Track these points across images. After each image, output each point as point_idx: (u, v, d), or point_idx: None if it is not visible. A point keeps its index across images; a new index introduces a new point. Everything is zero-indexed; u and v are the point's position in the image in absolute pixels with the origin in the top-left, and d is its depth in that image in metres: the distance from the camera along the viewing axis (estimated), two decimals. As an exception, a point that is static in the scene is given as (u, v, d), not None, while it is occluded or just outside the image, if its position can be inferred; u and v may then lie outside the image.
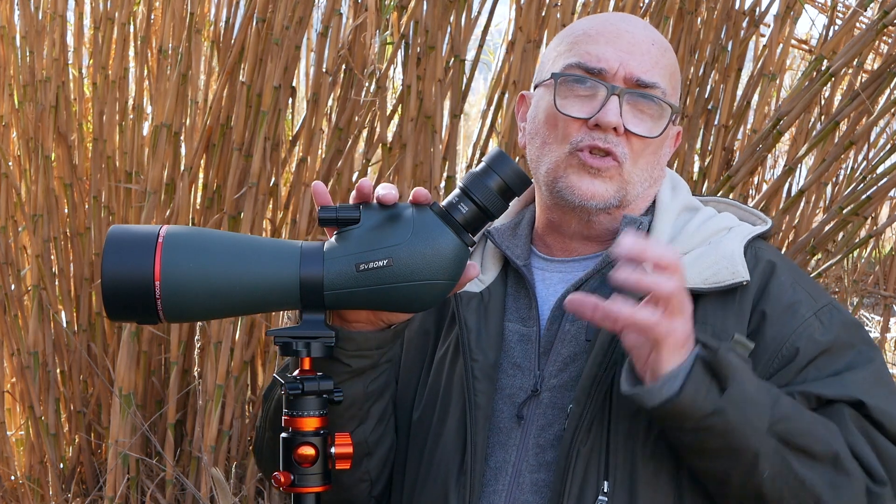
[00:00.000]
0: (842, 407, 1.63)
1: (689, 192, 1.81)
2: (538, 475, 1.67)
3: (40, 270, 3.62)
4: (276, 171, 3.49)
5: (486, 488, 1.69)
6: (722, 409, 1.52)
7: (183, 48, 3.47)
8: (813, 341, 1.66)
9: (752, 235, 1.72)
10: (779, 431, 1.55)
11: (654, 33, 1.78)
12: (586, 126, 1.70)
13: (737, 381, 1.52)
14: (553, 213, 1.77)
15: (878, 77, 3.10)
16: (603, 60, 1.71)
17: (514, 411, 1.70)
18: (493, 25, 3.69)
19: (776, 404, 1.56)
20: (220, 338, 3.37)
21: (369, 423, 1.73)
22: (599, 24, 1.77)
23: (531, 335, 1.73)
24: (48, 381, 3.61)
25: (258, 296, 1.50)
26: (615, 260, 1.67)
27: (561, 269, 1.77)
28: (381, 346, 1.67)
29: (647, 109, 1.72)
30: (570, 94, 1.72)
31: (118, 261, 1.47)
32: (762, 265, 1.70)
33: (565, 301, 1.55)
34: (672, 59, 1.78)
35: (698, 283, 1.65)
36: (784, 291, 1.69)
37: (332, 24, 3.41)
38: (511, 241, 1.79)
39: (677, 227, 1.74)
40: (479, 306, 1.75)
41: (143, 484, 3.50)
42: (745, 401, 1.52)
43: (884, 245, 4.81)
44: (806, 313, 1.68)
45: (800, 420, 1.58)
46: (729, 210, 1.81)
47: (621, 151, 1.70)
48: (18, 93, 3.69)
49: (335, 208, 1.52)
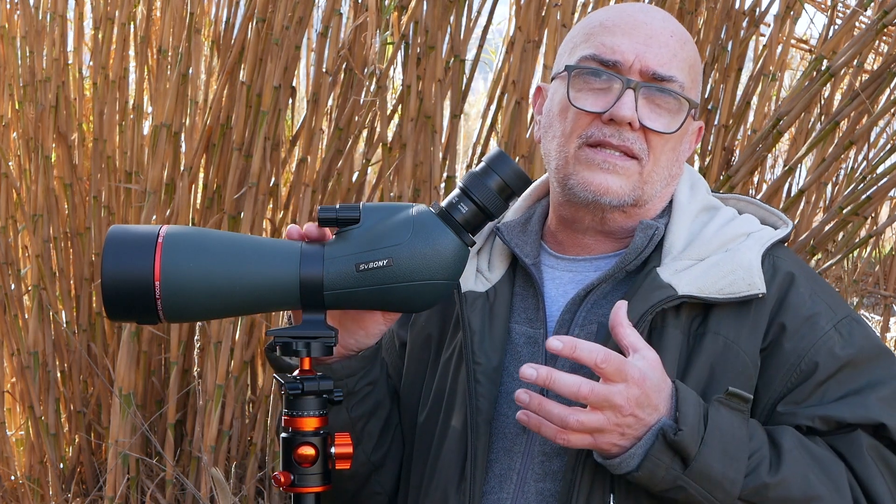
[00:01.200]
0: (859, 436, 1.60)
1: (708, 190, 1.76)
2: (543, 484, 1.63)
3: (40, 270, 3.62)
4: (276, 171, 3.49)
5: (491, 496, 1.66)
6: (683, 485, 1.52)
7: (183, 48, 3.47)
8: (833, 355, 1.63)
9: (772, 242, 1.68)
10: (752, 499, 1.54)
11: (673, 24, 1.71)
12: (600, 120, 1.65)
13: (700, 459, 1.51)
14: (565, 210, 1.71)
15: (878, 77, 3.10)
16: (618, 52, 1.65)
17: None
18: (495, 25, 3.69)
19: (754, 472, 1.54)
20: (220, 338, 3.37)
21: (367, 444, 1.72)
22: (616, 14, 1.71)
23: (538, 338, 1.69)
24: (48, 381, 3.62)
25: (258, 296, 1.50)
26: (630, 266, 1.66)
27: (572, 268, 1.73)
28: (352, 374, 1.66)
29: (664, 104, 1.66)
30: (585, 88, 1.67)
31: (118, 261, 1.47)
32: (780, 276, 1.66)
33: (546, 342, 1.52)
34: (692, 51, 1.71)
35: (713, 292, 1.62)
36: (803, 303, 1.65)
37: (332, 24, 3.41)
38: (520, 238, 1.74)
39: (694, 230, 1.68)
40: (485, 306, 1.70)
41: (143, 484, 3.50)
42: (708, 479, 1.52)
43: (884, 245, 4.81)
44: (825, 326, 1.64)
45: (783, 486, 1.55)
46: (750, 210, 1.76)
47: (639, 147, 1.65)
48: (18, 93, 3.70)
49: (335, 208, 1.52)
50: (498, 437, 1.67)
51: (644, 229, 1.67)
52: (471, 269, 1.73)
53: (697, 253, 1.65)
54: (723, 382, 1.60)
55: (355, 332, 1.64)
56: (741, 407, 1.55)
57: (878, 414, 1.60)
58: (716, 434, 1.52)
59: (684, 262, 1.64)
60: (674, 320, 1.63)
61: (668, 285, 1.61)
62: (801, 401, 1.62)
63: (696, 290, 1.61)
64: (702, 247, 1.66)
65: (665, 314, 1.62)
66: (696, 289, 1.62)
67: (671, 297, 1.60)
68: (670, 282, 1.62)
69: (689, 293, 1.61)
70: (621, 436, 1.51)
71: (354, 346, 1.65)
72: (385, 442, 1.74)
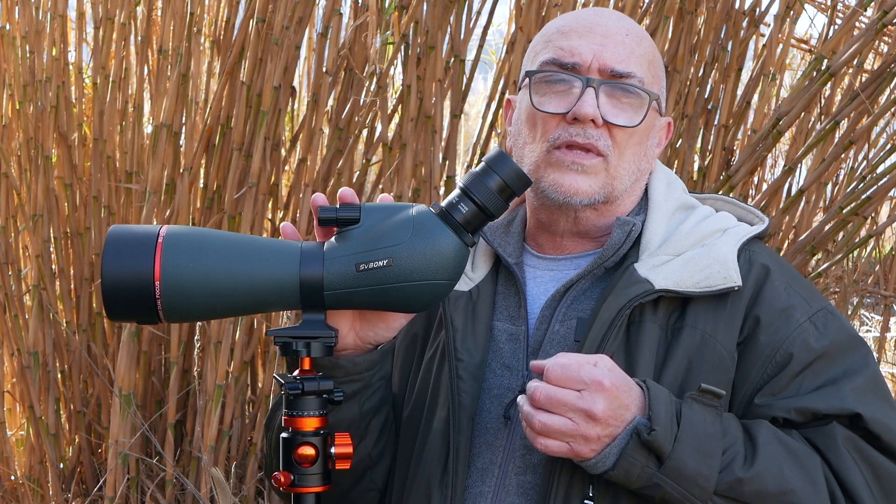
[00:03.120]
0: (834, 428, 1.62)
1: (684, 189, 1.79)
2: (524, 477, 1.66)
3: (40, 270, 3.62)
4: (276, 171, 3.49)
5: (473, 490, 1.68)
6: (658, 483, 1.54)
7: (183, 48, 3.47)
8: (807, 347, 1.65)
9: (748, 238, 1.71)
10: (728, 494, 1.56)
11: (628, 23, 1.77)
12: (565, 121, 1.69)
13: (674, 457, 1.53)
14: (541, 214, 1.76)
15: (878, 77, 3.10)
16: (576, 54, 1.70)
17: (502, 412, 1.69)
18: (496, 26, 3.69)
19: (728, 467, 1.56)
20: (220, 338, 3.37)
21: (370, 439, 1.73)
22: (572, 19, 1.77)
23: (519, 334, 1.73)
24: (48, 381, 3.62)
25: (258, 296, 1.50)
26: (608, 262, 1.70)
27: (552, 267, 1.77)
28: (371, 367, 1.67)
29: (625, 99, 1.71)
30: (548, 91, 1.72)
31: (118, 261, 1.47)
32: (756, 269, 1.69)
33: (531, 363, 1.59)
34: (649, 47, 1.76)
35: (690, 286, 1.64)
36: (778, 296, 1.67)
37: (333, 24, 3.41)
38: (503, 239, 1.79)
39: (671, 227, 1.72)
40: (468, 305, 1.74)
41: (143, 484, 3.50)
42: (683, 476, 1.54)
43: (884, 245, 4.81)
44: (800, 318, 1.66)
45: (756, 481, 1.56)
46: (727, 208, 1.79)
47: (604, 144, 1.69)
48: (19, 93, 3.70)
49: (335, 208, 1.52)
50: (480, 433, 1.70)
51: (621, 225, 1.71)
52: None
53: (674, 248, 1.68)
54: (700, 375, 1.63)
55: (376, 324, 1.65)
56: (714, 403, 1.56)
57: (852, 404, 1.61)
58: (689, 431, 1.54)
59: (661, 257, 1.68)
60: (652, 315, 1.66)
61: (645, 280, 1.65)
62: (776, 392, 1.63)
63: (672, 283, 1.64)
64: (678, 242, 1.69)
65: (643, 309, 1.65)
66: (673, 283, 1.64)
67: (648, 291, 1.64)
68: (647, 276, 1.65)
69: (665, 287, 1.64)
70: (597, 440, 1.54)
71: (373, 339, 1.66)
72: (384, 437, 1.76)
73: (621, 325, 1.63)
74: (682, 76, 3.32)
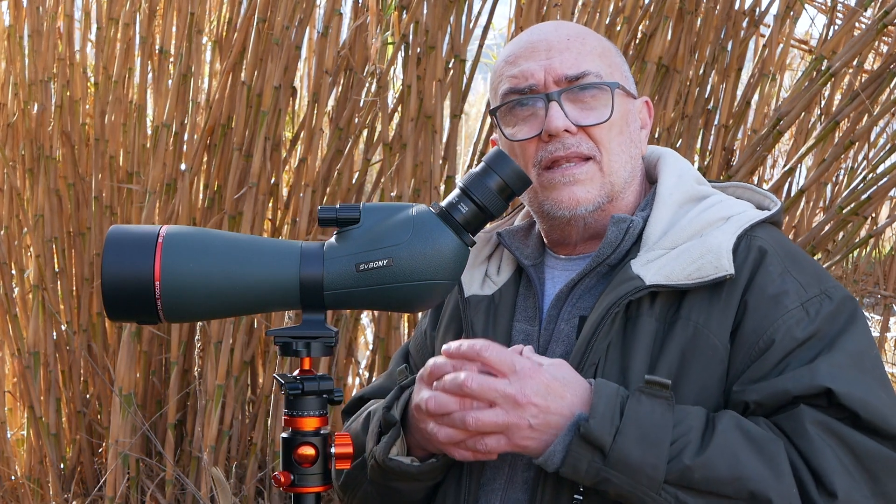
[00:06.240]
0: (801, 412, 1.57)
1: (697, 180, 1.78)
2: (529, 473, 1.68)
3: (41, 270, 3.62)
4: (276, 171, 3.49)
5: (485, 486, 1.72)
6: (607, 476, 1.54)
7: (183, 48, 3.47)
8: (790, 335, 1.62)
9: (751, 223, 1.69)
10: (679, 482, 1.54)
11: (567, 28, 1.80)
12: (542, 141, 1.73)
13: (616, 448, 1.53)
14: (554, 233, 1.80)
15: (878, 77, 3.10)
16: (528, 76, 1.74)
17: None
18: (497, 29, 3.69)
19: (677, 456, 1.54)
20: (220, 338, 3.38)
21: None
22: (515, 46, 1.80)
23: (533, 333, 1.75)
24: (49, 382, 3.62)
25: (258, 296, 1.50)
26: (610, 260, 1.72)
27: (567, 266, 1.80)
28: (448, 463, 1.71)
29: (588, 98, 1.74)
30: (516, 121, 1.76)
31: (118, 261, 1.47)
32: (752, 255, 1.67)
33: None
34: (595, 41, 1.78)
35: (681, 279, 1.65)
36: (771, 281, 1.65)
37: (333, 24, 3.41)
38: (522, 242, 1.82)
39: (674, 220, 1.72)
40: (489, 308, 1.78)
41: (143, 484, 3.50)
42: (628, 467, 1.54)
43: (884, 245, 4.81)
44: (791, 304, 1.64)
45: (708, 467, 1.54)
46: (745, 195, 1.80)
47: (587, 147, 1.72)
48: (23, 92, 3.70)
49: (335, 208, 1.52)
50: None
51: (616, 223, 1.73)
52: (479, 274, 1.83)
53: (671, 242, 1.69)
54: (694, 367, 1.63)
55: None
56: (663, 394, 1.56)
57: (822, 380, 1.57)
58: (633, 422, 1.54)
59: (657, 251, 1.69)
60: (648, 309, 1.66)
61: (636, 277, 1.66)
62: (756, 379, 1.61)
63: (663, 278, 1.65)
64: (676, 235, 1.70)
65: (640, 304, 1.66)
66: (664, 277, 1.65)
67: (638, 287, 1.65)
68: (639, 273, 1.66)
69: (656, 282, 1.65)
70: (530, 428, 1.55)
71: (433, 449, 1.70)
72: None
73: (613, 322, 1.65)
74: (682, 76, 3.32)
